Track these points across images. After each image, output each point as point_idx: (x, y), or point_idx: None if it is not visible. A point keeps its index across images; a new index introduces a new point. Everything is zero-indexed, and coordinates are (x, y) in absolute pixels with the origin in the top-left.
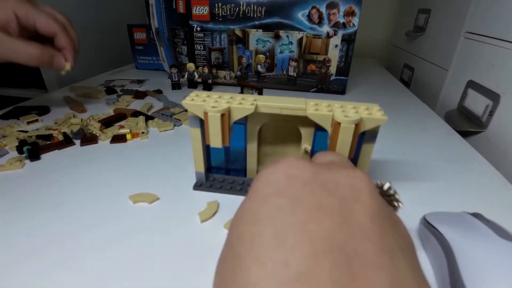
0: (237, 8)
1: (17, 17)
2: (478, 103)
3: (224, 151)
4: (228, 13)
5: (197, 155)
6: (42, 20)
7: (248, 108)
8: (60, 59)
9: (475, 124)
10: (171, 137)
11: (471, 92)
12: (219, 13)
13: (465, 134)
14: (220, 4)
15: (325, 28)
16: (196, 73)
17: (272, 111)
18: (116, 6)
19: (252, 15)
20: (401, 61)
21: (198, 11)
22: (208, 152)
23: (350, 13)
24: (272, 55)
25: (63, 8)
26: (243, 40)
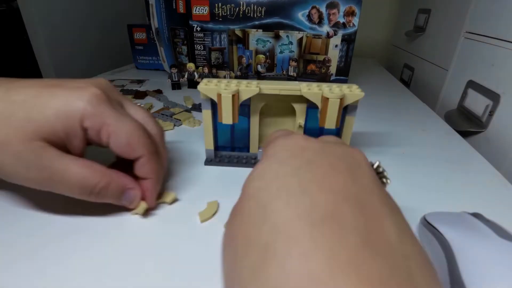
0: (237, 8)
1: (84, 130)
2: (478, 103)
3: (230, 131)
4: (228, 13)
5: (207, 134)
6: (123, 139)
7: (254, 89)
8: (134, 194)
9: (475, 124)
10: (171, 137)
11: (471, 92)
12: (219, 13)
13: (465, 134)
14: (220, 4)
15: (325, 28)
16: (196, 73)
17: (273, 92)
18: (116, 6)
19: (252, 15)
20: (401, 61)
21: (198, 11)
22: (216, 133)
23: (350, 13)
24: (272, 55)
25: (63, 8)
26: (243, 40)
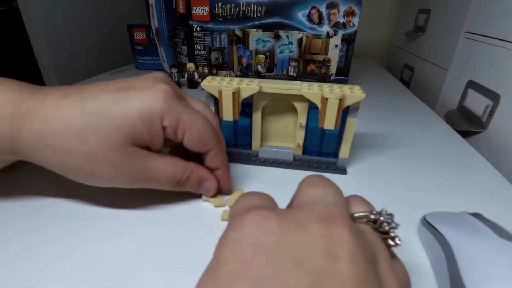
0: (237, 8)
1: (164, 128)
2: (478, 103)
3: (233, 128)
4: (228, 13)
5: None
6: (196, 133)
7: (254, 88)
8: (210, 184)
9: (475, 124)
10: None
11: (471, 92)
12: (219, 13)
13: (465, 134)
14: (220, 4)
15: (325, 28)
16: (196, 73)
17: (274, 91)
18: (116, 6)
19: (252, 15)
20: (401, 61)
21: (198, 11)
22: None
23: (350, 13)
24: (272, 55)
25: (63, 8)
26: (243, 40)
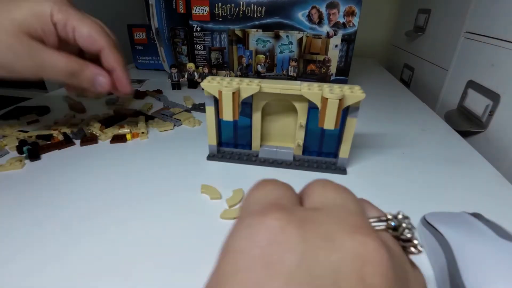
0: (237, 8)
1: (54, 24)
2: (478, 103)
3: (233, 128)
4: (228, 13)
5: (211, 130)
6: (84, 30)
7: (254, 88)
8: (103, 80)
9: (475, 124)
10: (171, 137)
11: (471, 92)
12: (219, 13)
13: (465, 134)
14: (220, 4)
15: (325, 28)
16: (196, 73)
17: (274, 91)
18: (116, 6)
19: (252, 15)
20: (401, 61)
21: (198, 11)
22: (220, 129)
23: (350, 13)
24: (272, 55)
25: None
26: (243, 40)
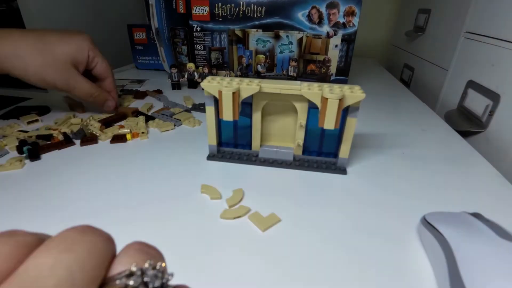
0: (237, 8)
1: (87, 57)
2: (478, 103)
3: (233, 128)
4: (228, 13)
5: (211, 130)
6: (103, 65)
7: (254, 88)
8: (111, 103)
9: (475, 124)
10: (171, 137)
11: (471, 92)
12: (219, 13)
13: (465, 134)
14: (220, 4)
15: (325, 28)
16: (196, 73)
17: (274, 91)
18: (116, 6)
19: (252, 15)
20: (401, 61)
21: (198, 11)
22: (220, 129)
23: (350, 13)
24: (272, 55)
25: (64, 8)
26: (243, 40)
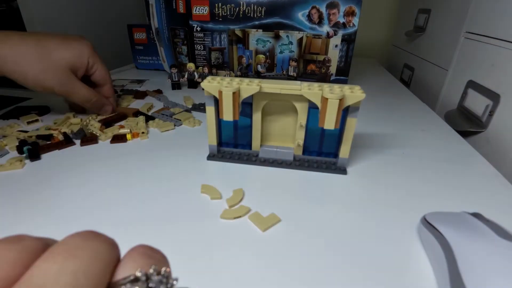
0: (237, 8)
1: (87, 64)
2: (478, 103)
3: (233, 128)
4: (228, 13)
5: (211, 130)
6: (102, 71)
7: (254, 88)
8: (109, 108)
9: (475, 124)
10: (171, 137)
11: (471, 92)
12: (219, 13)
13: (465, 134)
14: (220, 4)
15: (325, 28)
16: (196, 73)
17: (274, 91)
18: (116, 6)
19: (252, 15)
20: (401, 61)
21: (198, 11)
22: (220, 129)
23: (350, 13)
24: (272, 55)
25: (64, 8)
26: (243, 40)
